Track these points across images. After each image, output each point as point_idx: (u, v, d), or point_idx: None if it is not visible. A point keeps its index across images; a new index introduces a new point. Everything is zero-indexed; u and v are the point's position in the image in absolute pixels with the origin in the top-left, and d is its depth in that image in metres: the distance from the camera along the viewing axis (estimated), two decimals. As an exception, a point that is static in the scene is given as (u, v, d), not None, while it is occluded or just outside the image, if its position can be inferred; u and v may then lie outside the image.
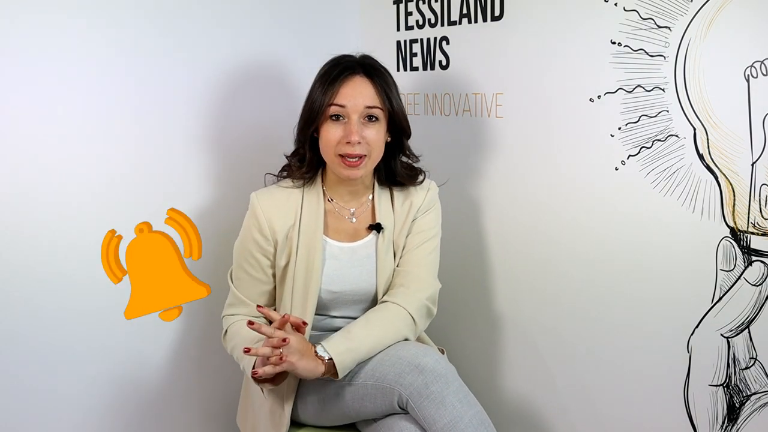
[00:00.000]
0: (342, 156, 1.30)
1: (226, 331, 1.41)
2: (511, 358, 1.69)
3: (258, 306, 1.22)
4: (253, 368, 1.22)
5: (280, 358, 1.17)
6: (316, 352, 1.23)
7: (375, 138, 1.31)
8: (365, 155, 1.31)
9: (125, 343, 1.55)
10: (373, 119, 1.32)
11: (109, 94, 1.45)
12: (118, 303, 1.52)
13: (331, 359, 1.22)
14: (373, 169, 1.40)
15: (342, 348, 1.24)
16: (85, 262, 1.46)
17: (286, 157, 1.44)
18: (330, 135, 1.30)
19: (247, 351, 1.19)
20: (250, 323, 1.18)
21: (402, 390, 1.21)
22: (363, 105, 1.30)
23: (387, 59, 1.76)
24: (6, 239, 1.36)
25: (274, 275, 1.40)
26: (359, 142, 1.29)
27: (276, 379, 1.25)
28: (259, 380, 1.24)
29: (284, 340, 1.18)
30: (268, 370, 1.18)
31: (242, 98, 1.66)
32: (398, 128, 1.36)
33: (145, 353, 1.60)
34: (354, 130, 1.28)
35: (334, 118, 1.31)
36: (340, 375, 1.24)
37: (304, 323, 1.24)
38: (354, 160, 1.30)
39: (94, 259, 1.47)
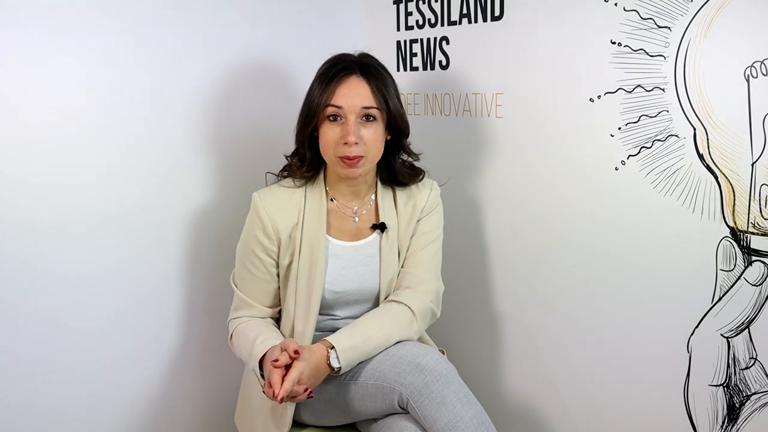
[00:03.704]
0: (340, 157, 1.31)
1: (231, 334, 1.41)
2: (512, 358, 1.69)
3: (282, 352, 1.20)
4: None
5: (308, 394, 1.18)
6: (329, 362, 1.23)
7: (372, 138, 1.32)
8: (363, 156, 1.31)
9: (125, 344, 1.55)
10: (371, 119, 1.32)
11: (110, 93, 1.44)
12: (118, 306, 1.52)
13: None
14: (375, 168, 1.41)
15: (348, 345, 1.24)
16: (82, 263, 1.46)
17: (287, 157, 1.44)
18: (328, 136, 1.31)
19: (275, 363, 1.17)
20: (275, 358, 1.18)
21: (402, 389, 1.21)
22: (359, 105, 1.30)
23: (387, 59, 1.75)
24: (4, 238, 1.36)
25: (278, 275, 1.40)
26: (356, 143, 1.29)
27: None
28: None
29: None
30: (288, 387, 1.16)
31: (243, 99, 1.66)
32: (396, 127, 1.37)
33: (144, 354, 1.59)
34: (351, 131, 1.29)
35: (331, 118, 1.31)
36: (343, 371, 1.25)
37: (296, 352, 1.20)
38: (352, 160, 1.30)
39: (92, 261, 1.47)
